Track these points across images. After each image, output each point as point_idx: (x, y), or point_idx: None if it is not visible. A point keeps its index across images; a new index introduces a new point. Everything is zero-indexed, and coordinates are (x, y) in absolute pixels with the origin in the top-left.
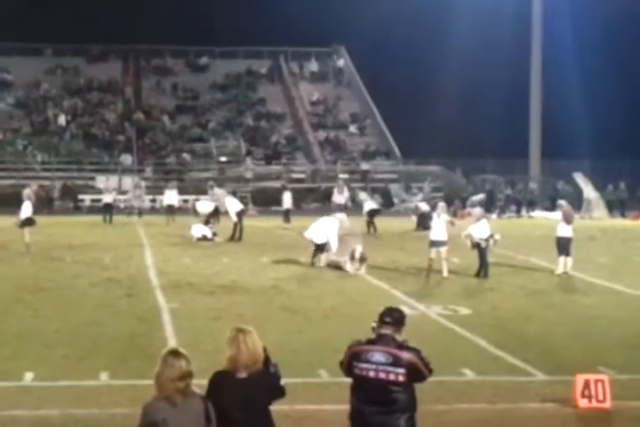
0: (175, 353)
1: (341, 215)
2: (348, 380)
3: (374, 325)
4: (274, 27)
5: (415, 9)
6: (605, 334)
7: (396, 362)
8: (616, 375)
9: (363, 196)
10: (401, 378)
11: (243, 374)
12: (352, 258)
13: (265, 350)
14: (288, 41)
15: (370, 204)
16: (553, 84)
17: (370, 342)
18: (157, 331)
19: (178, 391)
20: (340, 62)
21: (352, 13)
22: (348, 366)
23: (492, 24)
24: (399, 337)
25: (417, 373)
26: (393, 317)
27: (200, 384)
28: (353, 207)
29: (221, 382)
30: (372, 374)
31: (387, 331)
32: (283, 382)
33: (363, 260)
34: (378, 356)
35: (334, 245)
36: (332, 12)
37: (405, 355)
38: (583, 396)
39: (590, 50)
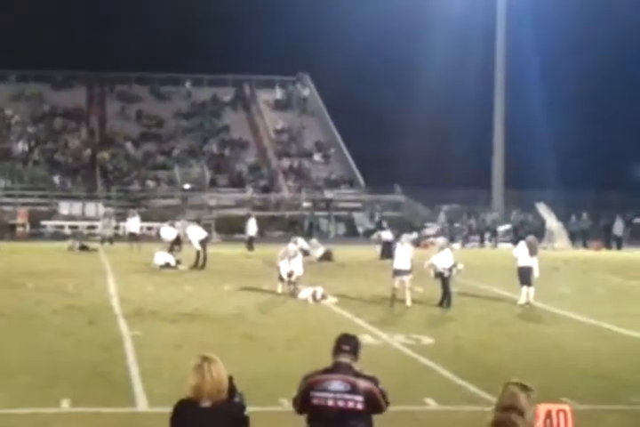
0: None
1: (301, 240)
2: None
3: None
4: (238, 55)
5: (380, 37)
6: (567, 365)
7: (354, 390)
8: (578, 406)
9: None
10: (359, 406)
11: (207, 403)
12: (314, 299)
13: (231, 379)
14: (252, 69)
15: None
16: (516, 115)
17: (326, 371)
18: (119, 359)
19: None
20: (305, 91)
21: (317, 42)
22: (304, 397)
23: (457, 55)
24: (356, 365)
25: (375, 402)
26: (351, 345)
27: (163, 413)
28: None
29: (185, 410)
30: (330, 402)
31: (344, 359)
32: (246, 411)
33: (324, 298)
34: (336, 384)
35: (298, 273)
36: (296, 40)
37: (363, 383)
38: (545, 426)
39: (554, 81)
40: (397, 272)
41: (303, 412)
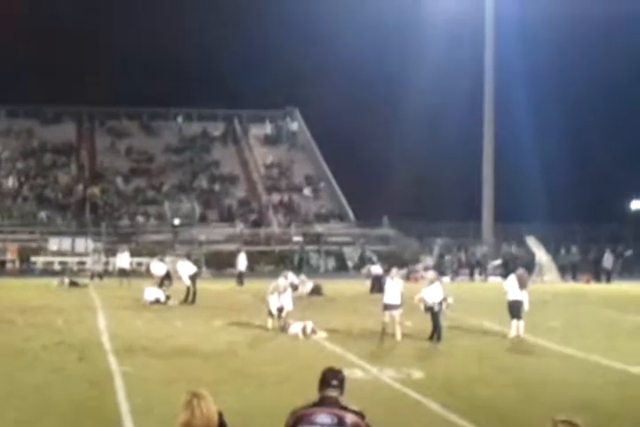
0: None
1: (291, 275)
2: None
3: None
4: (228, 89)
5: (368, 72)
6: (558, 398)
7: (341, 423)
8: None
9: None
10: None
11: None
12: (304, 333)
13: (220, 415)
14: (242, 103)
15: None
16: (505, 149)
17: (314, 404)
18: (109, 395)
19: None
20: (294, 125)
21: (306, 77)
22: None
23: (445, 85)
24: (342, 399)
25: None
26: (338, 379)
27: None
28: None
29: None
30: None
31: (332, 393)
32: None
33: (314, 333)
34: (323, 417)
35: (288, 308)
36: (285, 75)
37: (350, 417)
38: None
39: (543, 116)
40: (387, 306)
41: None
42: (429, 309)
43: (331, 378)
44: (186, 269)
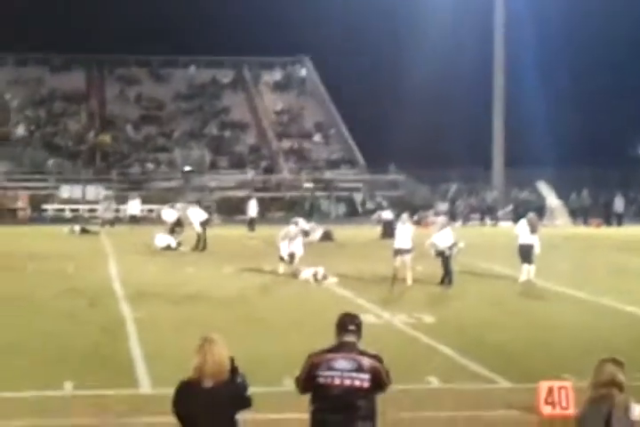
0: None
1: (301, 221)
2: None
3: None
4: (237, 36)
5: (379, 19)
6: (568, 342)
7: (361, 368)
8: (579, 382)
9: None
10: (366, 384)
11: (209, 384)
12: (315, 279)
13: (232, 360)
14: (251, 50)
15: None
16: (515, 94)
17: (332, 350)
18: (121, 341)
19: None
20: (303, 71)
21: (315, 23)
22: (308, 377)
23: (454, 35)
24: (360, 344)
25: (379, 380)
26: (355, 324)
27: (166, 393)
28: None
29: (187, 391)
30: (337, 381)
31: (350, 339)
32: (249, 392)
33: (325, 279)
34: (342, 363)
35: (299, 254)
36: (295, 21)
37: (369, 362)
38: (547, 403)
39: (552, 60)
40: (398, 251)
41: (306, 391)
42: (440, 253)
43: (348, 323)
44: (197, 215)
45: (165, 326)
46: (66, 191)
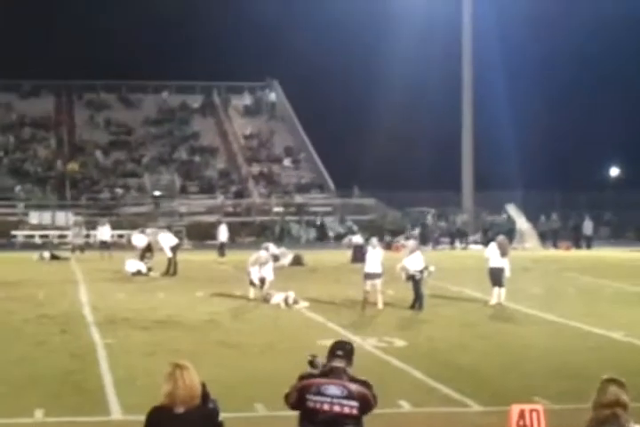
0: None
1: (272, 246)
2: (285, 413)
3: (310, 358)
4: (206, 61)
5: (348, 43)
6: (539, 364)
7: (350, 395)
8: (550, 405)
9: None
10: (355, 411)
11: (180, 410)
12: (286, 303)
13: (204, 385)
14: (220, 75)
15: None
16: (484, 117)
17: (322, 374)
18: (92, 367)
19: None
20: (273, 96)
21: (285, 47)
22: (298, 398)
23: (423, 58)
24: (350, 370)
25: (368, 407)
26: (345, 349)
27: (137, 420)
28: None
29: (159, 417)
30: (326, 407)
31: (339, 364)
32: (221, 417)
33: (296, 303)
34: (332, 389)
35: (270, 279)
36: (264, 46)
37: (358, 388)
38: (518, 426)
39: (521, 84)
40: (368, 276)
41: (295, 410)
42: (411, 277)
43: (336, 349)
44: (167, 240)
45: (136, 351)
46: (35, 217)
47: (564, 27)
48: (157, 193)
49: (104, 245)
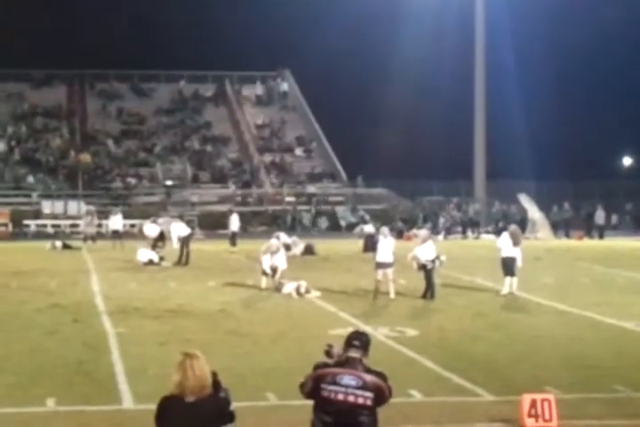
0: None
1: (283, 235)
2: (297, 403)
3: (327, 348)
4: (219, 50)
5: (360, 33)
6: (551, 354)
7: (365, 386)
8: (562, 395)
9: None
10: (369, 402)
11: (190, 399)
12: (298, 293)
13: (215, 374)
14: (233, 65)
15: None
16: (497, 106)
17: (338, 364)
18: (104, 356)
19: None
20: (285, 86)
21: (297, 37)
22: (313, 387)
23: (436, 48)
24: (366, 361)
25: (382, 398)
26: (361, 340)
27: (149, 409)
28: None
29: (170, 406)
30: (340, 396)
31: (355, 354)
32: (232, 406)
33: (308, 293)
34: (347, 379)
35: (282, 268)
36: (276, 35)
37: (374, 379)
38: (530, 415)
39: (533, 73)
40: (380, 265)
41: (309, 399)
42: (422, 267)
43: (353, 339)
44: (179, 230)
45: (148, 340)
46: (47, 207)
47: (577, 14)
48: (169, 182)
49: (116, 235)
